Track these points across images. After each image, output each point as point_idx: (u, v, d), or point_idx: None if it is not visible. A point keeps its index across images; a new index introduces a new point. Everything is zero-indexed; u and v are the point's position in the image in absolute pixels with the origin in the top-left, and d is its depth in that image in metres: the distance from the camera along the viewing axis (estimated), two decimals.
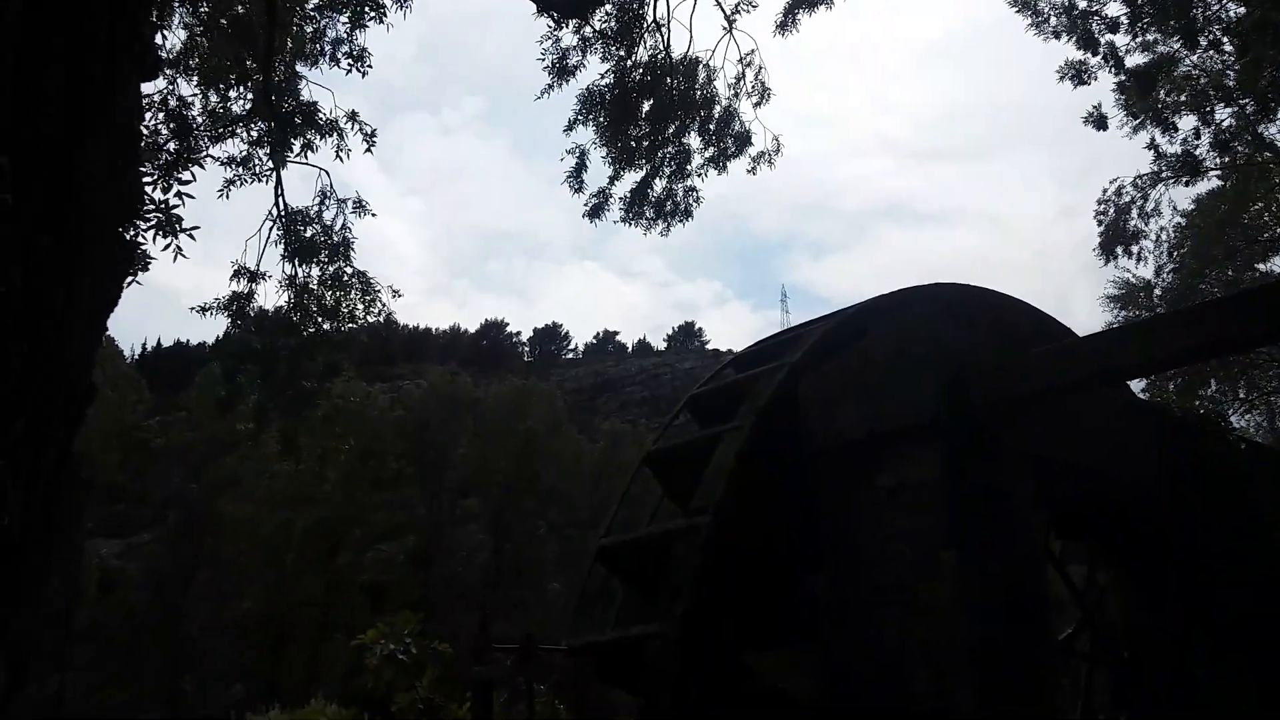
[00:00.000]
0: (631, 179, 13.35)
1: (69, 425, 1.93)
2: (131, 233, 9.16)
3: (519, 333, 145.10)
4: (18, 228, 1.67)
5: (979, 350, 8.09)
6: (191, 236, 7.88)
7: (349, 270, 11.82)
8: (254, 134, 11.23)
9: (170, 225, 6.66)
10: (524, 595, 60.70)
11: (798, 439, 8.28)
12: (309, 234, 11.58)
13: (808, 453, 8.25)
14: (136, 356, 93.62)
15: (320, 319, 11.54)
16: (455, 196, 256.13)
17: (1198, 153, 20.67)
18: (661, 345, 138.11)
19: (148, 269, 9.22)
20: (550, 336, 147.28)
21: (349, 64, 12.10)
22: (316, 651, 61.74)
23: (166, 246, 6.92)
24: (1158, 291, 26.68)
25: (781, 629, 8.65)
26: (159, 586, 60.07)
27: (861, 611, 7.57)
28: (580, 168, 13.03)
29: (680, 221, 13.50)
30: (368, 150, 12.07)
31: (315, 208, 12.07)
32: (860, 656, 7.50)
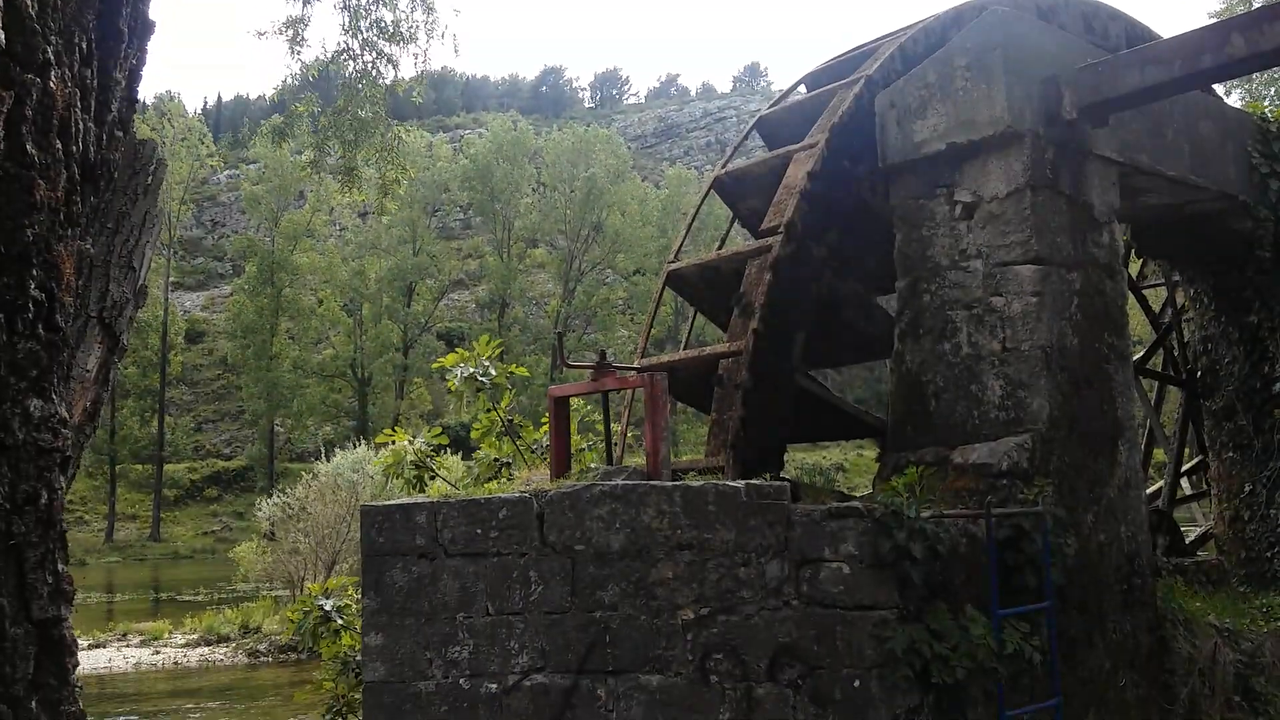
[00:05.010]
0: None
1: (134, 58, 1.88)
2: None
3: (578, 78, 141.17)
4: None
5: (1068, 55, 7.64)
6: None
7: None
8: None
9: None
10: (594, 338, 62.17)
11: (872, 156, 8.05)
12: None
13: (882, 170, 8.04)
14: (200, 114, 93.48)
15: (378, 40, 11.11)
16: None
17: None
18: (726, 87, 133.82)
19: None
20: (610, 81, 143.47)
21: None
22: (400, 393, 64.74)
23: None
24: None
25: (852, 346, 8.74)
26: (244, 334, 62.58)
27: (933, 325, 7.57)
28: None
29: None
30: None
31: None
32: (931, 369, 7.56)
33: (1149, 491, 10.13)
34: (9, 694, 1.55)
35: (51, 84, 1.56)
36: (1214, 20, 25.66)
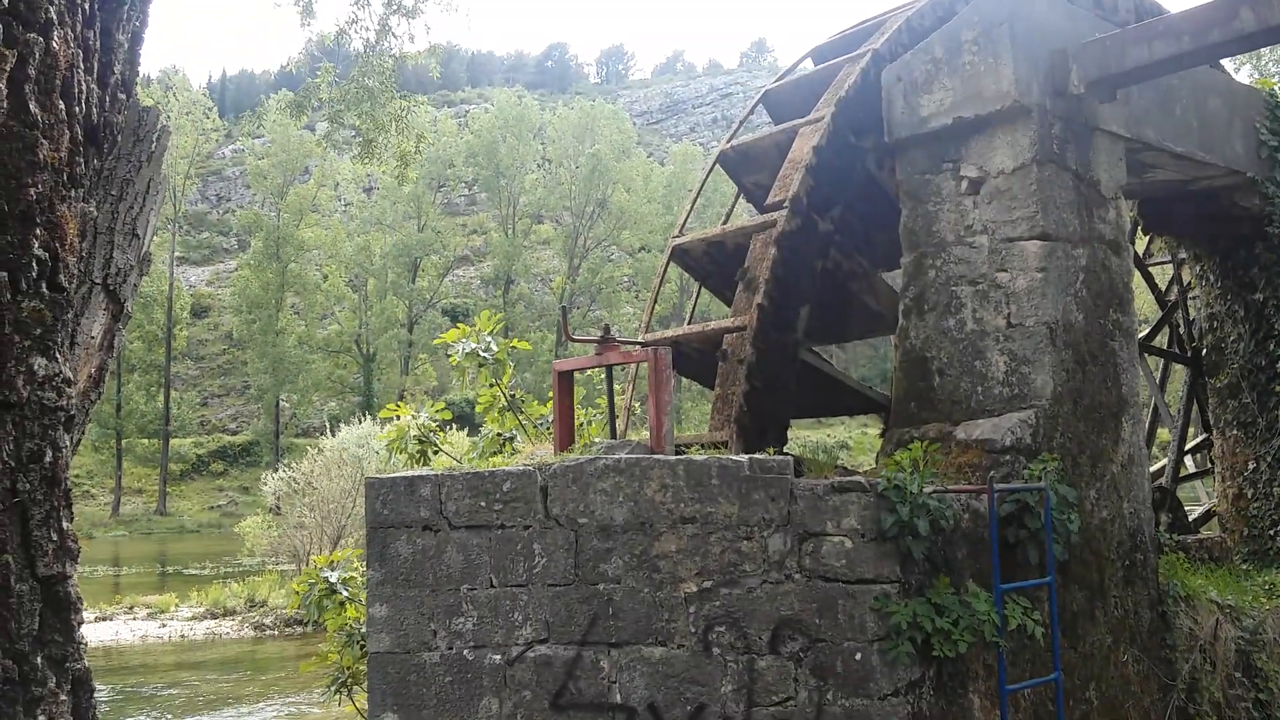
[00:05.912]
0: None
1: (136, 20, 1.88)
2: None
3: (583, 53, 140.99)
4: None
5: (1075, 29, 7.60)
6: None
7: None
8: None
9: None
10: (599, 315, 62.16)
11: (879, 130, 8.01)
12: None
13: (888, 145, 8.00)
14: (205, 88, 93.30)
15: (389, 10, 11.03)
16: None
17: None
18: (732, 63, 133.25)
19: None
20: (616, 56, 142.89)
21: None
22: (405, 369, 64.84)
23: None
24: None
25: (856, 322, 8.73)
26: (250, 309, 62.63)
27: (938, 301, 7.56)
28: None
29: None
30: None
31: None
32: (935, 345, 7.55)
33: (1153, 469, 10.14)
34: (14, 650, 1.57)
35: (54, 44, 1.56)
36: None
